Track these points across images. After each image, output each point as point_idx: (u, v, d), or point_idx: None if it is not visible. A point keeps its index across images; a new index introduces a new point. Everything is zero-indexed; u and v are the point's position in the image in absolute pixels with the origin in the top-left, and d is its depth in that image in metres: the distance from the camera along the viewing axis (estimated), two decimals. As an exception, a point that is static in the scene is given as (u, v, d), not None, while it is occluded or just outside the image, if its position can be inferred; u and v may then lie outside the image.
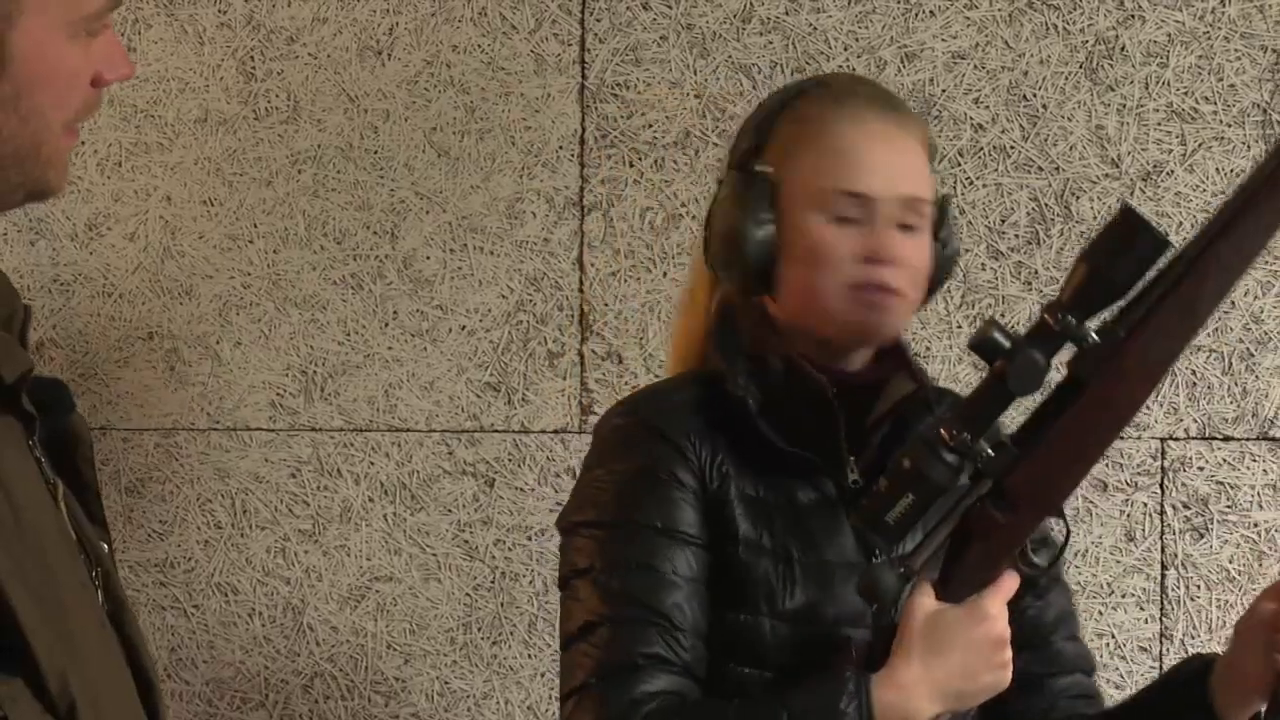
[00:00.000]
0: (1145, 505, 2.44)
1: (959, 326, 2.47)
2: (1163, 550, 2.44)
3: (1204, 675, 1.73)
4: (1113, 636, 2.46)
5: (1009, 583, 1.64)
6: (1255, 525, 2.45)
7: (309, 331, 2.54)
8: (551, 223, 2.52)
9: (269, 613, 2.53)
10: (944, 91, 2.47)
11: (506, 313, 2.52)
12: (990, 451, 1.61)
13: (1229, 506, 2.45)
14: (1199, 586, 2.43)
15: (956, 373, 2.46)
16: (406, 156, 2.53)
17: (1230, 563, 2.45)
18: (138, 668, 1.42)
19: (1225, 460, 2.45)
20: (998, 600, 1.63)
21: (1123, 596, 2.46)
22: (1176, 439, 2.45)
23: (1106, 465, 2.42)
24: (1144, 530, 2.44)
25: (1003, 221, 2.47)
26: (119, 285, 2.55)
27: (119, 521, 2.50)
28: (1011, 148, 2.47)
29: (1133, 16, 2.46)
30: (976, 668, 1.62)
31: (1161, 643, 2.46)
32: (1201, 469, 2.44)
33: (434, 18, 2.53)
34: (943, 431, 1.60)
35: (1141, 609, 2.46)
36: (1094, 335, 1.60)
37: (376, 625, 2.52)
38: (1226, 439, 2.45)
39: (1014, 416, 1.64)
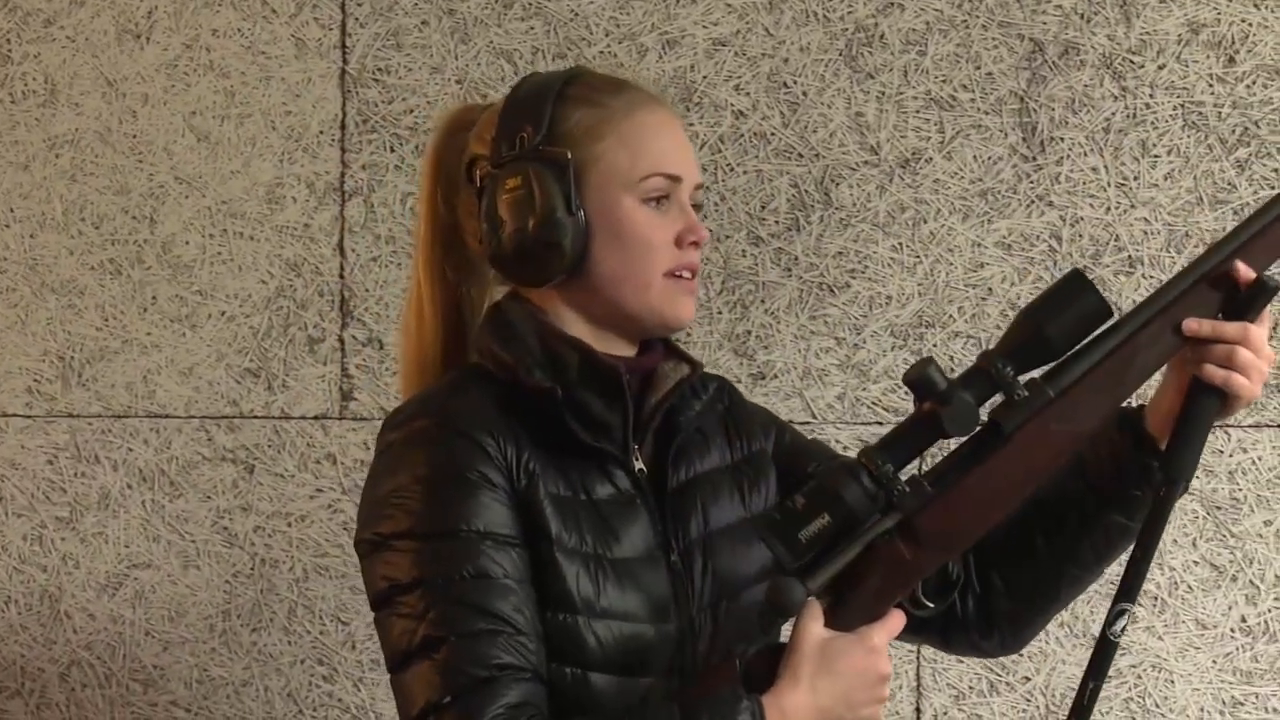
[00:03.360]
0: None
1: (719, 312, 2.47)
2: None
3: (1138, 415, 1.73)
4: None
5: (896, 620, 1.63)
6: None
7: (66, 317, 2.51)
8: (312, 208, 2.50)
9: (25, 600, 2.50)
10: (705, 78, 2.48)
11: (267, 298, 2.50)
12: (905, 487, 1.61)
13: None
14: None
15: (716, 359, 2.47)
16: (165, 141, 2.51)
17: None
18: None
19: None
20: (886, 635, 1.62)
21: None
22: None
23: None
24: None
25: (763, 208, 2.48)
26: (-128, 270, 2.52)
27: (-128, 509, 2.48)
28: (772, 134, 2.48)
29: (892, 4, 2.47)
30: (859, 699, 1.61)
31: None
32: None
33: (193, 1, 2.51)
34: (864, 460, 1.60)
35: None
36: (1024, 390, 1.61)
37: (135, 613, 2.50)
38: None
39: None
